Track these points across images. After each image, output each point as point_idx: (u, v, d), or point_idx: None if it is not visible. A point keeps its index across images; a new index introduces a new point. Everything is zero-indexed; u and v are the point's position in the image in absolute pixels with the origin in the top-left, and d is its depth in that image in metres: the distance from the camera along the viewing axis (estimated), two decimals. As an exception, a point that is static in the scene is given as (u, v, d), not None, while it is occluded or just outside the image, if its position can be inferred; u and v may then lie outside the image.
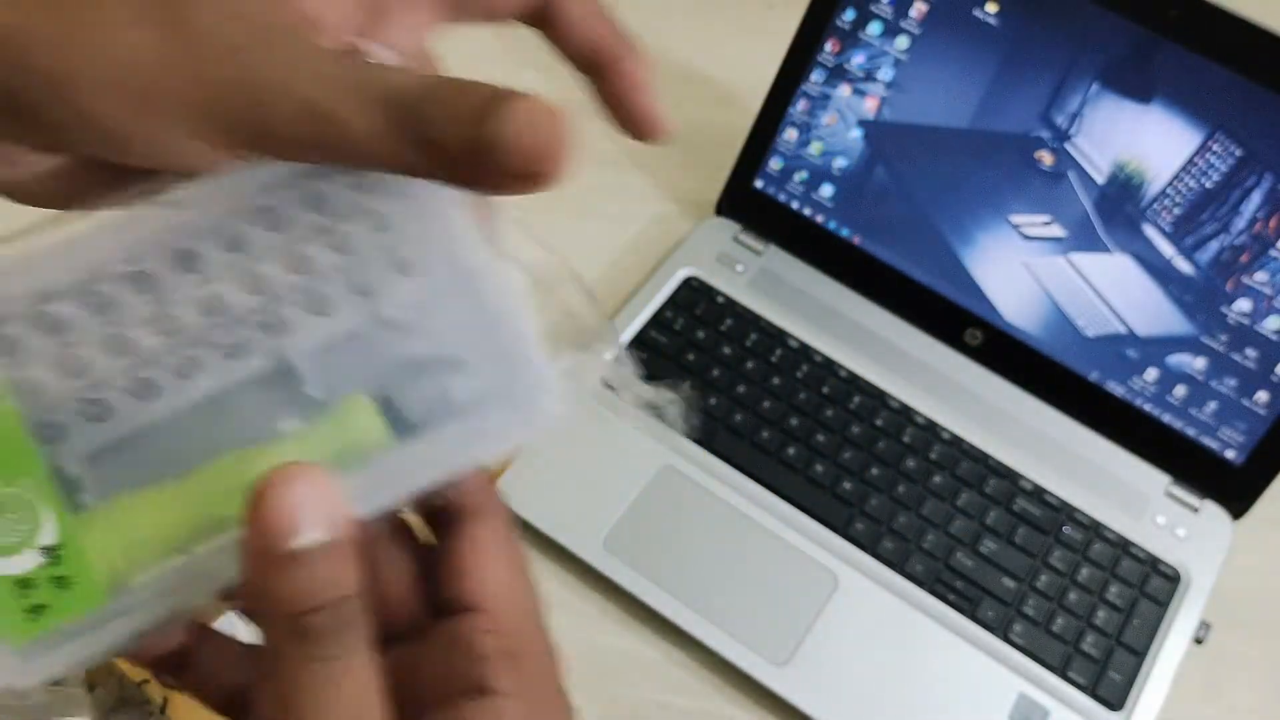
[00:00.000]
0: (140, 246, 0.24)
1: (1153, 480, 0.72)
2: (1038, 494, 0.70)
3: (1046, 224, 0.71)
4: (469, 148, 0.22)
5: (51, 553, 0.23)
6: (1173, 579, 0.68)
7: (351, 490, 0.24)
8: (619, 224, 0.80)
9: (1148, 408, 0.71)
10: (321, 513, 0.23)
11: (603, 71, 0.29)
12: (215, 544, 0.24)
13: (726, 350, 0.72)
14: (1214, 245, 0.67)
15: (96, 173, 0.25)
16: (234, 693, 0.29)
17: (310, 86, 0.22)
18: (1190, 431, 0.71)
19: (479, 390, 0.26)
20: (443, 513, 0.30)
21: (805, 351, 0.73)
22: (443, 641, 0.29)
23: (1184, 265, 0.68)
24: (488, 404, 0.26)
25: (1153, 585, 0.67)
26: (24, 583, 0.23)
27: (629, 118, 0.29)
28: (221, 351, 0.25)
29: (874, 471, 0.69)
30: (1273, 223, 0.66)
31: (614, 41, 0.29)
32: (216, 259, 0.25)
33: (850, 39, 0.72)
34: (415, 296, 0.26)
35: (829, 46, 0.73)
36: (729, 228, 0.78)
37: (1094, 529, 0.69)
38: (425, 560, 0.30)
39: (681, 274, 0.76)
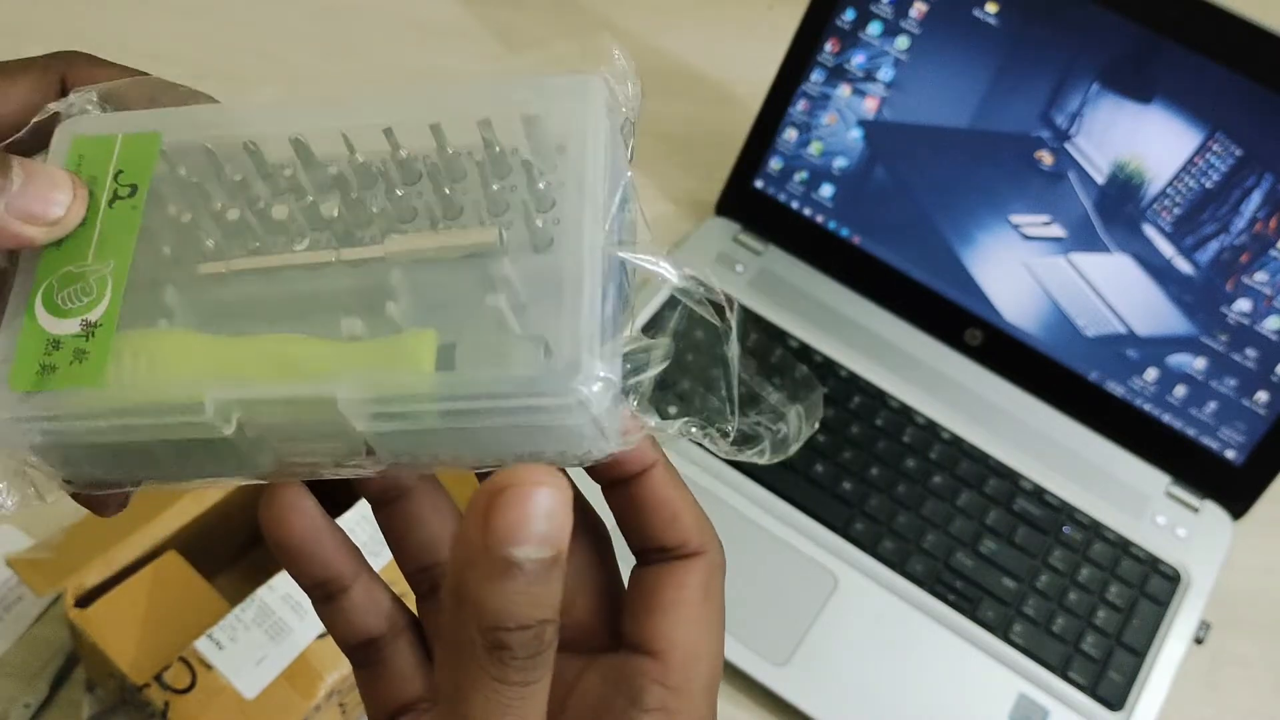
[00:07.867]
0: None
1: (1153, 480, 0.72)
2: (1038, 494, 0.70)
3: (1046, 224, 0.71)
4: None
5: (89, 327, 0.26)
6: (1173, 579, 0.68)
7: (374, 425, 0.24)
8: (619, 224, 0.80)
9: (1148, 408, 0.71)
10: (552, 527, 0.21)
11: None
12: (223, 397, 0.24)
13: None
14: (1214, 245, 0.67)
15: None
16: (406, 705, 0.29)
17: None
18: (1190, 431, 0.71)
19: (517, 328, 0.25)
20: (660, 550, 0.28)
21: (805, 351, 0.73)
22: (609, 673, 0.27)
23: (1184, 265, 0.68)
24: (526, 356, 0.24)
25: (1153, 585, 0.67)
26: (55, 343, 0.26)
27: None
28: (338, 236, 0.26)
29: (874, 471, 0.69)
30: (1273, 223, 0.66)
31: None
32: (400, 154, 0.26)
33: (850, 39, 0.72)
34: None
35: (829, 46, 0.73)
36: (729, 228, 0.78)
37: (1094, 529, 0.69)
38: (616, 585, 0.29)
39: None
